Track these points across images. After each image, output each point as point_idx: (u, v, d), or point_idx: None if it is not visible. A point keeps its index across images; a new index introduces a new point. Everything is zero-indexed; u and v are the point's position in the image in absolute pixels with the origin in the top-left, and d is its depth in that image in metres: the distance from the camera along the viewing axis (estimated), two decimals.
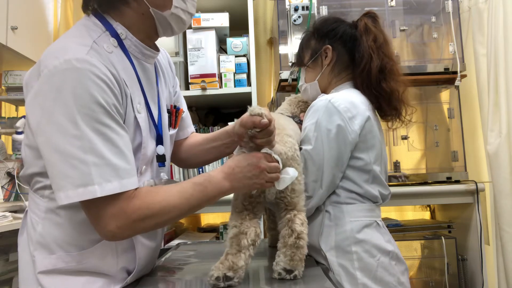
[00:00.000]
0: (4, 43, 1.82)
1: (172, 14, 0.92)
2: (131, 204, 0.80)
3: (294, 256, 0.90)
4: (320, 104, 1.11)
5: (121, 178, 0.79)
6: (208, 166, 2.09)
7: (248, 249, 0.87)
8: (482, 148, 2.15)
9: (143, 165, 0.93)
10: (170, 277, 0.99)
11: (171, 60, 1.19)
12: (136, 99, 0.90)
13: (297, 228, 0.91)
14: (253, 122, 0.84)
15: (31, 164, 0.88)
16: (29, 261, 0.88)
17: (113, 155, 0.79)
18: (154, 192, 0.84)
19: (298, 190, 0.96)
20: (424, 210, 2.41)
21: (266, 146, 0.89)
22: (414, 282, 2.02)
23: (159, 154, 0.98)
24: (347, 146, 1.08)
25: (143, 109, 0.93)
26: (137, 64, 0.94)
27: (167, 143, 1.02)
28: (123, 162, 0.80)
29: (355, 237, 1.07)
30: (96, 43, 0.85)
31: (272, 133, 0.88)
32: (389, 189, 1.18)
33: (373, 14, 1.21)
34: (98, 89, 0.78)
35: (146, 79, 0.96)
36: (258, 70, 2.35)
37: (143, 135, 0.91)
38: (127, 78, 0.88)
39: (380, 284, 1.05)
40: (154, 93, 0.99)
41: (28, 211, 0.93)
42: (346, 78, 1.22)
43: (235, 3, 2.13)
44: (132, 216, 0.80)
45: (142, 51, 0.95)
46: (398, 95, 1.16)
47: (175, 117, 1.09)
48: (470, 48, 2.16)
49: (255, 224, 0.91)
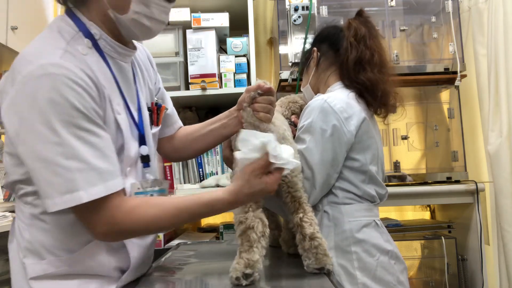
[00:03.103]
0: (4, 43, 1.82)
1: (132, 19, 0.87)
2: (121, 212, 0.81)
3: (317, 255, 0.93)
4: (316, 103, 1.11)
5: (106, 181, 0.79)
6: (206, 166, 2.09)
7: (260, 242, 0.88)
8: (482, 148, 2.15)
9: (127, 166, 0.92)
10: (170, 277, 0.99)
11: (151, 55, 1.14)
12: (115, 100, 0.89)
13: (307, 231, 0.94)
14: (258, 85, 0.92)
15: (13, 172, 0.86)
16: (21, 268, 0.88)
17: (95, 159, 0.78)
18: (148, 205, 0.84)
19: (297, 169, 0.99)
20: (424, 210, 2.41)
21: (262, 113, 0.94)
22: (414, 282, 2.02)
23: (143, 155, 0.96)
24: (342, 146, 1.08)
25: (123, 110, 0.91)
26: (113, 64, 0.91)
27: (150, 142, 1.00)
28: (106, 164, 0.80)
29: (354, 237, 1.07)
30: (70, 45, 0.83)
31: (272, 102, 0.94)
32: (386, 188, 1.18)
33: (360, 11, 1.24)
34: (74, 94, 0.77)
35: (124, 78, 0.94)
36: (258, 70, 2.35)
37: (124, 136, 0.89)
38: (104, 80, 0.86)
39: (380, 284, 1.05)
40: (133, 93, 0.97)
41: (16, 218, 0.92)
42: (334, 74, 1.22)
43: (235, 3, 2.13)
44: (121, 224, 0.81)
45: (117, 50, 0.92)
46: (381, 85, 1.15)
47: (156, 115, 1.06)
48: (470, 48, 2.16)
49: (260, 215, 0.91)
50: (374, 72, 1.14)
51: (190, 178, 2.13)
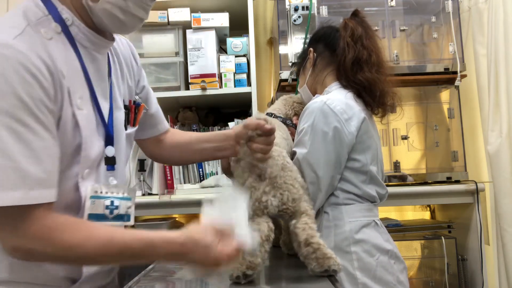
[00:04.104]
0: None
1: (104, 9, 0.80)
2: (39, 227, 0.69)
3: (318, 260, 0.91)
4: (315, 106, 1.11)
5: (29, 189, 0.67)
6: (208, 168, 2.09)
7: (263, 246, 0.89)
8: (482, 148, 2.15)
9: (86, 168, 0.82)
10: (170, 277, 0.99)
11: (136, 51, 1.07)
12: (78, 92, 0.79)
13: (301, 238, 0.93)
14: (257, 123, 0.85)
15: None
16: None
17: (24, 158, 0.67)
18: (76, 227, 0.72)
19: (298, 197, 0.96)
20: (424, 210, 2.41)
21: (259, 154, 0.90)
22: (414, 282, 2.02)
23: (108, 156, 0.86)
24: (344, 147, 1.08)
25: (87, 105, 0.82)
26: (85, 54, 0.83)
27: (121, 143, 0.91)
28: (37, 169, 0.68)
29: (354, 237, 1.07)
30: (31, 26, 0.74)
31: (270, 143, 0.87)
32: (386, 188, 1.18)
33: (356, 11, 1.23)
34: (21, 80, 0.68)
35: (96, 71, 0.85)
36: (258, 70, 2.35)
37: (83, 135, 0.79)
38: (68, 69, 0.77)
39: (380, 283, 1.05)
40: (106, 87, 0.88)
41: None
42: (331, 74, 1.22)
43: (235, 3, 2.12)
44: (34, 243, 0.69)
45: (91, 39, 0.84)
46: (378, 85, 1.15)
47: (134, 114, 0.98)
48: (470, 48, 2.16)
49: (267, 219, 0.92)
50: (372, 72, 1.14)
51: (190, 178, 2.13)
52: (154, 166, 2.00)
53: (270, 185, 0.94)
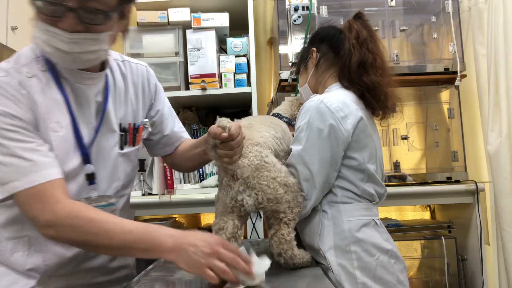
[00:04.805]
0: (4, 43, 1.82)
1: (36, 45, 0.90)
2: (61, 206, 0.85)
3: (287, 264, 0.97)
4: (311, 104, 1.11)
5: (42, 169, 0.86)
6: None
7: (230, 242, 0.91)
8: (482, 148, 2.15)
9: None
10: (170, 277, 0.99)
11: (154, 77, 1.20)
12: (54, 118, 0.94)
13: (275, 251, 0.98)
14: (214, 133, 0.87)
15: None
16: None
17: (26, 152, 0.86)
18: (91, 209, 0.88)
19: (274, 198, 0.96)
20: (424, 210, 2.41)
21: (226, 158, 0.91)
22: (414, 282, 2.02)
23: (87, 173, 1.00)
24: (340, 145, 1.08)
25: (65, 128, 0.96)
26: (68, 86, 0.97)
27: (107, 161, 1.04)
28: (39, 156, 0.87)
29: (353, 237, 1.07)
30: (15, 69, 0.91)
31: (232, 148, 0.89)
32: (385, 187, 1.18)
33: (359, 14, 1.23)
34: (5, 102, 0.87)
35: (77, 100, 0.99)
36: (258, 70, 2.35)
37: (55, 153, 0.93)
38: (45, 100, 0.93)
39: (380, 283, 1.05)
40: (91, 113, 1.01)
41: None
42: (333, 75, 1.22)
43: (235, 3, 2.13)
44: (59, 218, 0.85)
45: (73, 73, 0.97)
46: (382, 88, 1.16)
47: (132, 136, 1.11)
48: (470, 48, 2.16)
49: (233, 217, 0.94)
50: (377, 75, 1.15)
51: (190, 178, 2.13)
52: (154, 166, 2.01)
53: (244, 185, 0.95)
